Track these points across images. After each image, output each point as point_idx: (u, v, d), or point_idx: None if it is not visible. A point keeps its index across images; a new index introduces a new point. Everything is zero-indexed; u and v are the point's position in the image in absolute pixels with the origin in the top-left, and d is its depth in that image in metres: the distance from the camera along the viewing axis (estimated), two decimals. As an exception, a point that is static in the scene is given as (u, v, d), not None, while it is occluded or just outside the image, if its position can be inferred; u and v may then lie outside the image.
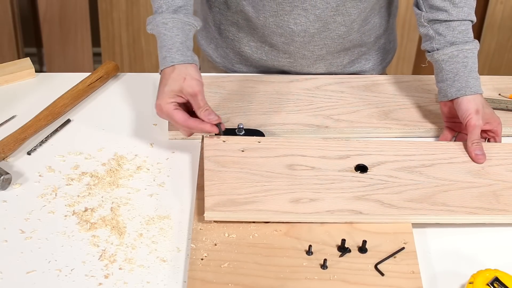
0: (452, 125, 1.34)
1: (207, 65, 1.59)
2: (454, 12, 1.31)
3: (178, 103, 1.22)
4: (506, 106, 1.41)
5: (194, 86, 1.22)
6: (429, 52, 1.34)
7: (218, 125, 1.23)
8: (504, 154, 1.27)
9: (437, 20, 1.32)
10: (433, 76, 1.41)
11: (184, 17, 1.27)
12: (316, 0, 1.35)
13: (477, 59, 1.32)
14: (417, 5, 1.37)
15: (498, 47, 2.74)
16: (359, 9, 1.40)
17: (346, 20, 1.40)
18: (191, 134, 1.25)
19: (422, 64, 1.42)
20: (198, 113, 1.22)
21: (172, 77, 1.23)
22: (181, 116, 1.21)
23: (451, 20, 1.31)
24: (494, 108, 1.36)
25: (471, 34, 1.32)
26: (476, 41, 1.32)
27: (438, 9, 1.32)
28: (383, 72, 1.60)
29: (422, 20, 1.34)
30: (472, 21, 1.33)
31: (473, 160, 1.25)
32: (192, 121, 1.22)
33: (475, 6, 1.34)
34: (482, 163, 1.24)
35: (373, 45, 1.52)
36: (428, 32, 1.34)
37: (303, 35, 1.41)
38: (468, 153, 1.26)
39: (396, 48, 1.61)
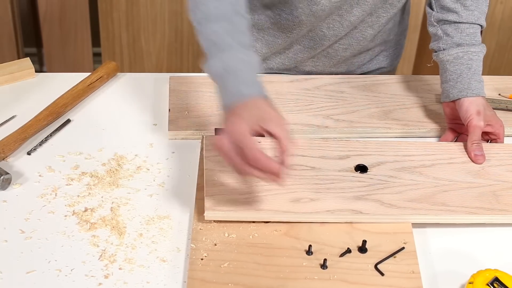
0: (455, 126, 1.34)
1: None
2: (464, 14, 1.31)
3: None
4: (506, 106, 1.41)
5: (275, 123, 1.06)
6: (436, 51, 1.34)
7: None
8: (504, 154, 1.27)
9: (447, 20, 1.33)
10: (433, 76, 1.41)
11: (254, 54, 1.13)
12: (353, 6, 1.36)
13: (482, 63, 1.32)
14: (429, 5, 1.38)
15: (498, 47, 2.74)
16: (389, 13, 1.41)
17: (374, 24, 1.42)
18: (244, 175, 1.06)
19: (427, 63, 1.42)
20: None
21: (256, 106, 1.06)
22: (253, 146, 1.03)
23: (460, 22, 1.32)
24: (494, 108, 1.36)
25: (479, 38, 1.33)
26: (483, 45, 1.33)
27: (449, 10, 1.33)
28: (396, 66, 1.61)
29: (432, 19, 1.35)
30: (481, 26, 1.33)
31: (472, 161, 1.25)
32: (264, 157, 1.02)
33: (486, 12, 1.34)
34: (481, 163, 1.24)
35: (392, 42, 1.53)
36: (436, 32, 1.34)
37: (333, 39, 1.42)
38: (467, 153, 1.26)
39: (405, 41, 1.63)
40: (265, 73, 1.52)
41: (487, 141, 1.32)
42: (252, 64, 1.10)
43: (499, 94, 1.47)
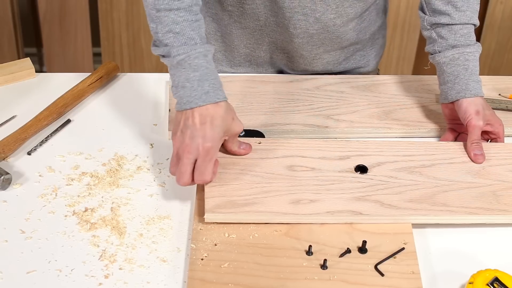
0: (455, 127, 1.34)
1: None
2: (456, 16, 1.31)
3: None
4: (506, 106, 1.41)
5: (239, 125, 1.17)
6: (432, 54, 1.34)
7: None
8: (504, 154, 1.27)
9: (440, 23, 1.33)
10: (433, 76, 1.41)
11: (212, 48, 1.19)
12: (317, 4, 1.36)
13: (478, 62, 1.32)
14: (421, 9, 1.37)
15: (498, 47, 2.74)
16: (356, 8, 1.40)
17: (344, 20, 1.41)
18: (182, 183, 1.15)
19: (424, 66, 1.42)
20: (232, 148, 1.20)
21: (222, 116, 1.13)
22: (211, 172, 1.14)
23: (453, 24, 1.32)
24: (494, 108, 1.36)
25: (473, 38, 1.33)
26: (478, 44, 1.33)
27: (441, 13, 1.33)
28: (376, 67, 1.60)
29: (425, 23, 1.35)
30: (474, 25, 1.33)
31: (472, 160, 1.25)
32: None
33: (478, 10, 1.34)
34: (481, 163, 1.24)
35: (368, 41, 1.53)
36: (431, 35, 1.34)
37: (302, 37, 1.41)
38: (467, 153, 1.26)
39: (386, 42, 1.63)
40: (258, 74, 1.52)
41: (487, 141, 1.32)
42: (212, 62, 1.17)
43: (499, 94, 1.47)
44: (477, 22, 1.34)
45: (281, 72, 1.53)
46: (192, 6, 1.17)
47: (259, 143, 1.24)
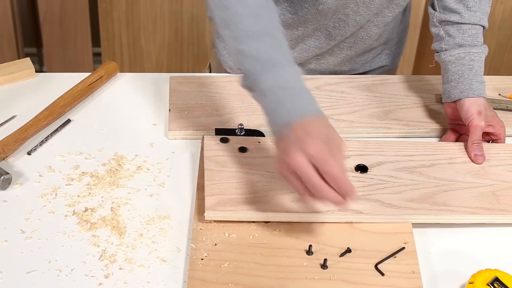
0: (456, 127, 1.34)
1: (224, 72, 1.56)
2: (467, 15, 1.31)
3: None
4: (506, 106, 1.41)
5: (342, 140, 1.03)
6: (438, 52, 1.34)
7: None
8: (504, 154, 1.27)
9: (449, 21, 1.33)
10: (434, 76, 1.41)
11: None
12: (359, 6, 1.35)
13: (483, 64, 1.32)
14: (432, 5, 1.38)
15: (498, 47, 2.74)
16: (394, 13, 1.41)
17: (380, 23, 1.42)
18: (319, 197, 1.01)
19: (429, 64, 1.42)
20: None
21: (323, 124, 1.03)
22: (337, 164, 0.99)
23: (463, 23, 1.32)
24: (494, 108, 1.36)
25: (481, 39, 1.33)
26: (485, 46, 1.33)
27: (451, 11, 1.33)
28: (398, 63, 1.61)
29: (435, 20, 1.35)
30: (483, 27, 1.33)
31: (472, 161, 1.25)
32: (345, 177, 1.00)
33: (488, 13, 1.34)
34: (481, 163, 1.24)
35: (394, 40, 1.53)
36: (439, 33, 1.34)
37: (339, 39, 1.41)
38: (467, 153, 1.26)
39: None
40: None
41: (488, 142, 1.32)
42: (303, 81, 1.05)
43: (499, 94, 1.47)
44: (486, 25, 1.34)
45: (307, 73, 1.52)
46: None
47: (259, 142, 1.24)
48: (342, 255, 1.07)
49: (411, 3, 1.55)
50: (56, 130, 1.32)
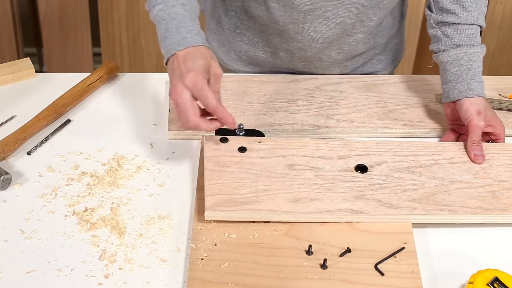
0: (456, 127, 1.34)
1: None
2: (463, 15, 1.31)
3: None
4: (506, 106, 1.41)
5: (219, 68, 1.16)
6: (436, 53, 1.34)
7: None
8: (504, 154, 1.27)
9: (446, 22, 1.33)
10: (434, 76, 1.41)
11: (195, 1, 1.23)
12: (338, 8, 1.35)
13: (482, 63, 1.32)
14: (429, 7, 1.38)
15: (498, 47, 2.74)
16: (378, 16, 1.40)
17: (365, 26, 1.41)
18: (193, 128, 1.15)
19: (428, 65, 1.42)
20: (216, 87, 1.16)
21: (200, 53, 1.15)
22: (213, 96, 1.12)
23: (460, 23, 1.32)
24: (493, 108, 1.36)
25: (479, 39, 1.33)
26: (483, 45, 1.33)
27: (448, 11, 1.33)
28: (392, 71, 1.60)
29: (432, 21, 1.35)
30: (480, 26, 1.33)
31: (472, 160, 1.25)
32: (221, 106, 1.13)
33: (485, 12, 1.34)
34: (481, 163, 1.24)
35: (385, 46, 1.52)
36: (436, 34, 1.35)
37: (321, 42, 1.41)
38: (467, 153, 1.26)
39: (404, 47, 1.62)
40: (261, 73, 1.52)
41: (488, 142, 1.32)
42: (193, 12, 1.20)
43: (499, 94, 1.47)
44: (483, 24, 1.34)
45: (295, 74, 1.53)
46: None
47: (259, 142, 1.24)
48: (342, 255, 1.07)
49: (406, 8, 1.54)
50: (56, 130, 1.32)
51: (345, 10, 1.35)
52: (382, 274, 1.05)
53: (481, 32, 1.35)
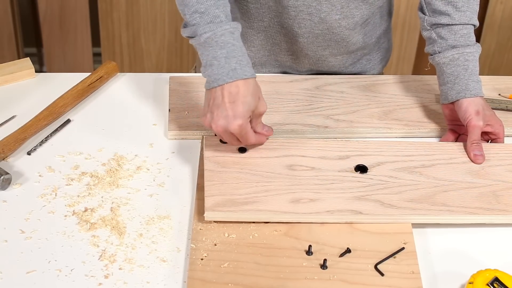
0: (455, 128, 1.34)
1: None
2: (456, 16, 1.31)
3: None
4: (506, 106, 1.41)
5: (264, 105, 1.17)
6: (431, 55, 1.34)
7: None
8: (504, 154, 1.27)
9: (440, 24, 1.33)
10: (433, 76, 1.41)
11: (239, 26, 1.20)
12: (322, 4, 1.36)
13: (478, 63, 1.32)
14: (421, 10, 1.37)
15: (498, 47, 2.74)
16: (361, 10, 1.40)
17: (349, 22, 1.41)
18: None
19: (424, 68, 1.42)
20: (256, 128, 1.19)
21: (251, 94, 1.14)
22: (253, 135, 1.18)
23: (453, 24, 1.32)
24: (493, 108, 1.36)
25: (473, 38, 1.33)
26: (478, 44, 1.33)
27: (441, 13, 1.33)
28: (381, 71, 1.60)
29: (425, 24, 1.35)
30: (474, 25, 1.34)
31: (472, 160, 1.25)
32: (257, 139, 1.20)
33: (478, 11, 1.34)
34: (481, 163, 1.24)
35: (374, 46, 1.52)
36: (431, 36, 1.34)
37: (307, 36, 1.41)
38: (467, 153, 1.26)
39: (392, 45, 1.63)
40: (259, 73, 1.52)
41: (487, 141, 1.32)
42: (240, 40, 1.18)
43: (499, 94, 1.47)
44: (477, 23, 1.34)
45: (284, 73, 1.53)
46: None
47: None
48: (342, 255, 1.07)
49: (392, 8, 1.54)
50: (56, 130, 1.32)
51: (329, 4, 1.36)
52: (382, 274, 1.05)
53: (476, 30, 1.35)
